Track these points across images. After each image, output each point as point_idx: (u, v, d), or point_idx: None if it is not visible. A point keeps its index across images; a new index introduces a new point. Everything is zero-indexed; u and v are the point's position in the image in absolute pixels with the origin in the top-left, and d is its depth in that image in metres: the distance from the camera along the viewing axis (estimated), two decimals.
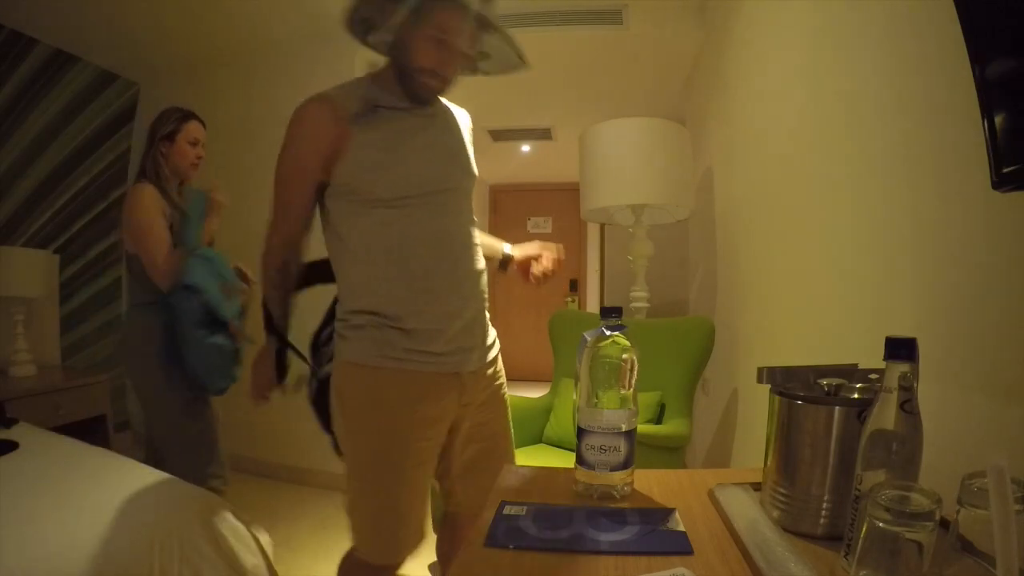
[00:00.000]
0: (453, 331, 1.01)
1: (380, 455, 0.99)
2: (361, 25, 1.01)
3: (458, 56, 0.96)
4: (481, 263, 1.08)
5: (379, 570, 1.04)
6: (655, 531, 0.67)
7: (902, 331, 0.53)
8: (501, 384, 1.15)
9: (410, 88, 0.99)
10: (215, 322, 1.64)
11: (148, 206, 1.61)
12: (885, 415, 0.53)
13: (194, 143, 1.73)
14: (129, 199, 1.64)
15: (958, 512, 0.48)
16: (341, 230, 1.01)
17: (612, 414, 0.76)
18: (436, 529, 1.62)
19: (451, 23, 0.92)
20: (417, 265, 0.97)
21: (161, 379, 1.65)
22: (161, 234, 1.60)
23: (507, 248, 1.23)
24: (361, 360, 0.98)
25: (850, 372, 0.70)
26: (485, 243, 1.17)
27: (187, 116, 1.73)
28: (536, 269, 1.16)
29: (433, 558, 1.95)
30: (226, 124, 3.00)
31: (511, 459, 1.19)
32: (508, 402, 1.18)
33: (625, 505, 0.75)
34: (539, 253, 1.18)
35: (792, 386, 0.69)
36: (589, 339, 0.79)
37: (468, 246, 1.04)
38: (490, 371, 1.11)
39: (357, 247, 0.99)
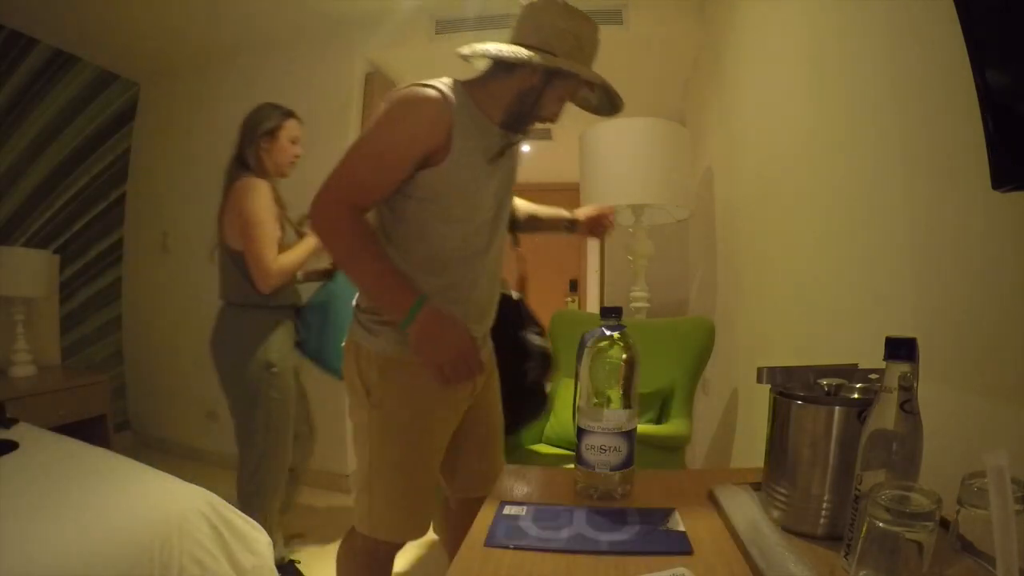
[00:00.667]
0: (479, 336, 1.09)
1: (413, 442, 1.05)
2: (498, 66, 1.02)
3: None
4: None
5: (392, 549, 1.11)
6: (655, 531, 0.67)
7: (902, 331, 0.53)
8: (495, 371, 1.24)
9: (519, 126, 1.05)
10: None
11: (265, 202, 1.58)
12: (885, 415, 0.53)
13: (294, 141, 1.74)
14: (241, 192, 1.59)
15: (958, 512, 0.48)
16: (399, 224, 1.01)
17: (612, 414, 0.76)
18: (437, 530, 1.63)
19: (580, 89, 1.07)
20: (466, 276, 1.04)
21: (256, 382, 1.64)
22: (273, 234, 1.58)
23: (567, 213, 1.38)
24: (396, 355, 1.01)
25: (850, 372, 0.70)
26: (550, 213, 1.36)
27: (288, 114, 1.73)
28: (606, 222, 1.37)
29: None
30: (227, 124, 3.00)
31: (502, 438, 1.28)
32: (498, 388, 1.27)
33: (625, 505, 0.75)
34: (600, 212, 1.37)
35: (792, 386, 0.69)
36: (589, 339, 0.79)
37: (498, 271, 1.13)
38: (488, 370, 1.19)
39: (410, 246, 1.01)
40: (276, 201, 1.66)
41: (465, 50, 0.99)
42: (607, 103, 1.10)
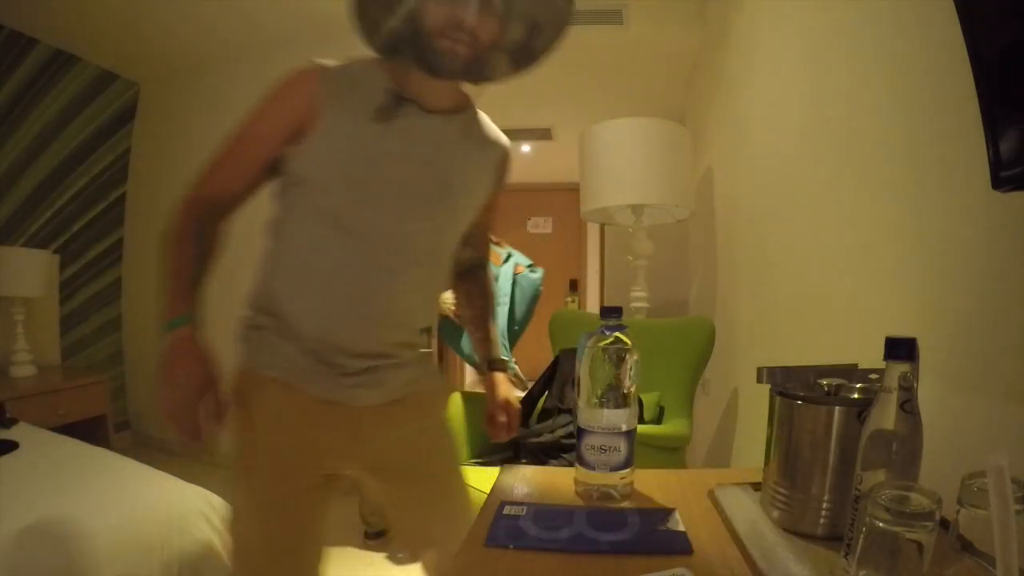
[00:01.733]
0: (356, 365, 0.86)
1: (263, 471, 0.86)
2: (373, 34, 0.84)
3: (473, 7, 0.76)
4: (417, 318, 0.93)
5: None
6: (655, 531, 0.67)
7: (902, 331, 0.53)
8: (428, 426, 1.00)
9: (432, 61, 0.79)
10: None
11: None
12: (885, 415, 0.52)
13: None
14: None
15: (958, 512, 0.48)
16: (275, 218, 0.89)
17: (612, 414, 0.76)
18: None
19: None
20: (342, 291, 0.84)
21: None
22: None
23: (497, 364, 1.08)
24: (254, 367, 0.85)
25: (850, 372, 0.70)
26: (489, 337, 1.08)
27: None
28: (497, 421, 1.05)
29: None
30: (227, 124, 3.01)
31: (459, 509, 1.02)
32: (450, 444, 1.06)
33: (625, 505, 0.75)
34: (503, 416, 1.05)
35: (792, 386, 0.69)
36: (589, 339, 0.79)
37: (403, 291, 0.88)
38: (403, 411, 0.93)
39: (287, 249, 0.87)
40: None
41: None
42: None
